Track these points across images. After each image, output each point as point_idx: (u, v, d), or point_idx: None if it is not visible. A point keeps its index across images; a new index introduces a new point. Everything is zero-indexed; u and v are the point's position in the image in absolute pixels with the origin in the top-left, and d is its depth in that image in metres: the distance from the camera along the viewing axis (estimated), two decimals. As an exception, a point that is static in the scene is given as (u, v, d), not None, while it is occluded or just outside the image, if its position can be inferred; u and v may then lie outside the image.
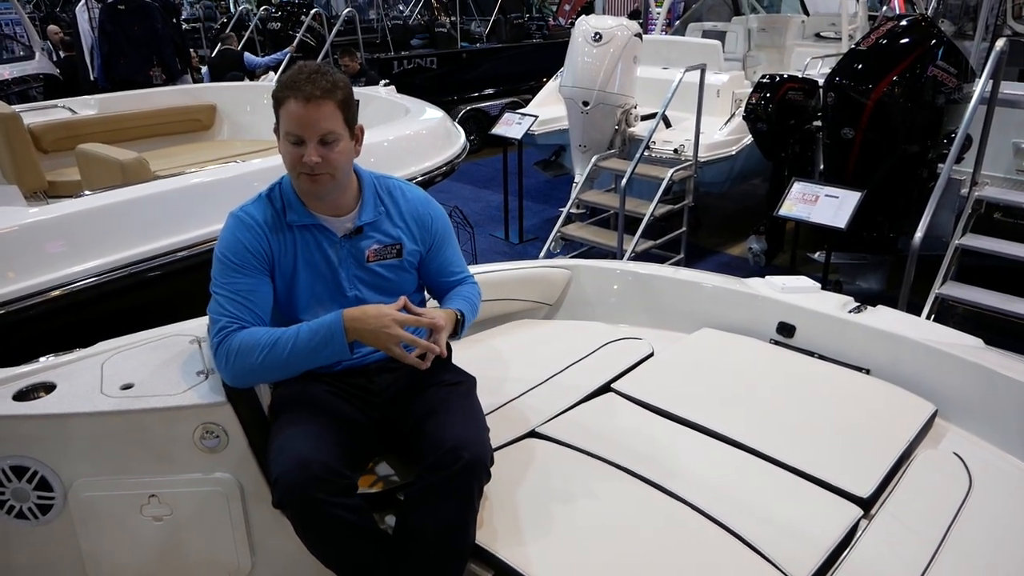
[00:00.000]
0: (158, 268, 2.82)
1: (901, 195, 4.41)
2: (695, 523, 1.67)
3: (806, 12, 7.76)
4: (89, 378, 1.79)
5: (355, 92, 1.74)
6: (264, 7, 11.61)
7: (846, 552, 1.60)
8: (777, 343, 2.49)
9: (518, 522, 1.67)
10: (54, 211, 2.72)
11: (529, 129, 5.76)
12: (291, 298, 1.77)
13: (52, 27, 9.87)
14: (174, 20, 7.21)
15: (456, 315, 1.79)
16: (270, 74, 7.81)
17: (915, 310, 3.54)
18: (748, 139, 5.33)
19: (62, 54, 8.81)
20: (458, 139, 4.30)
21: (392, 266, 1.82)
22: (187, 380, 1.77)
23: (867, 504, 1.74)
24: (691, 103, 5.10)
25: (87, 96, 5.02)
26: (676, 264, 5.10)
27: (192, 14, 14.86)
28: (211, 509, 1.78)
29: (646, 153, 5.06)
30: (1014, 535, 1.66)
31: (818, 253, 4.47)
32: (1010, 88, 4.31)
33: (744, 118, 5.12)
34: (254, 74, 8.26)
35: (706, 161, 5.23)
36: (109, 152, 3.46)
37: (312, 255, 1.76)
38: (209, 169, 3.31)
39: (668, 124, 5.57)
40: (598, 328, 2.65)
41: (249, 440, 1.76)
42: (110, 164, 3.34)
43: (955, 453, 1.94)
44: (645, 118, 5.59)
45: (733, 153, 5.44)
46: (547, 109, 6.30)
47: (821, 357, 2.38)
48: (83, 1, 6.94)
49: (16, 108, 4.24)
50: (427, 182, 3.76)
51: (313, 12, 10.03)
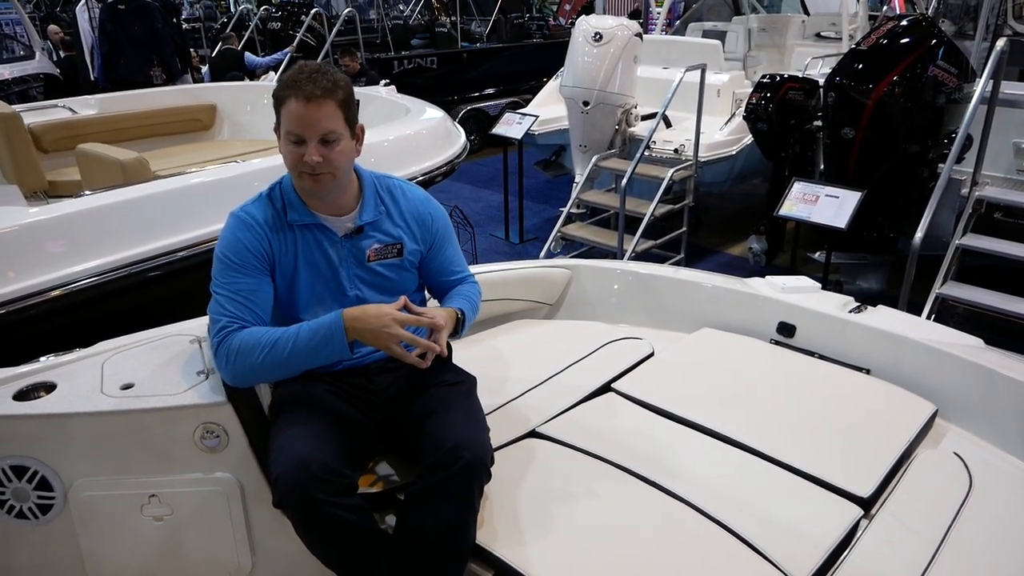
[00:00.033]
0: (158, 268, 2.82)
1: (901, 195, 4.41)
2: (695, 523, 1.67)
3: (806, 12, 7.77)
4: (89, 378, 1.79)
5: (355, 92, 1.74)
6: (264, 7, 11.61)
7: (846, 552, 1.60)
8: (777, 343, 2.49)
9: (518, 522, 1.67)
10: (54, 211, 2.72)
11: (529, 129, 5.75)
12: (292, 298, 1.77)
13: (52, 27, 9.87)
14: (174, 20, 7.21)
15: (457, 314, 1.80)
16: (270, 74, 7.81)
17: (915, 310, 3.54)
18: (748, 139, 5.33)
19: (62, 54, 8.81)
20: (458, 139, 4.30)
21: (393, 265, 1.82)
22: (187, 380, 1.77)
23: (867, 504, 1.74)
24: (691, 103, 5.10)
25: (87, 96, 5.02)
26: (676, 264, 5.10)
27: (192, 14, 14.86)
28: (211, 509, 1.78)
29: (646, 153, 5.06)
30: (1014, 535, 1.66)
31: (818, 253, 4.46)
32: (1010, 88, 4.31)
33: (744, 118, 5.12)
34: (254, 74, 8.26)
35: (706, 161, 5.23)
36: (109, 152, 3.46)
37: (313, 254, 1.76)
38: (209, 169, 3.31)
39: (668, 124, 5.57)
40: (598, 328, 2.65)
41: (249, 440, 1.76)
42: (110, 164, 3.34)
43: (955, 453, 1.94)
44: (645, 118, 5.59)
45: (733, 153, 5.43)
46: (547, 109, 6.30)
47: (821, 357, 2.38)
48: (83, 1, 6.95)
49: (16, 108, 4.24)
50: (427, 182, 3.76)
51: (313, 12, 10.04)
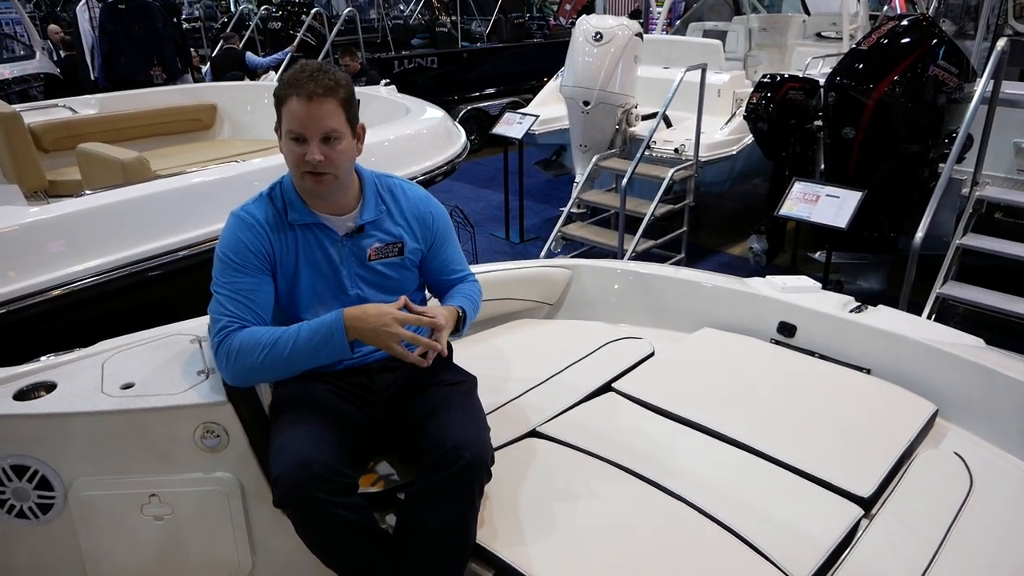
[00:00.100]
0: (159, 267, 2.82)
1: (902, 195, 4.41)
2: (695, 523, 1.67)
3: (807, 12, 7.77)
4: (90, 377, 1.79)
5: (356, 92, 1.74)
6: (265, 7, 11.61)
7: (847, 552, 1.60)
8: (778, 343, 2.49)
9: (519, 521, 1.67)
10: (54, 210, 2.72)
11: (530, 129, 5.76)
12: (293, 297, 1.77)
13: (52, 26, 9.87)
14: (175, 19, 7.22)
15: (458, 312, 1.80)
16: (271, 74, 7.80)
17: (916, 310, 3.54)
18: (749, 139, 5.33)
19: (63, 53, 8.80)
20: (459, 139, 4.30)
21: (394, 264, 1.82)
22: (188, 379, 1.77)
23: (868, 504, 1.74)
24: (692, 103, 5.10)
25: (88, 95, 5.03)
26: (677, 264, 5.10)
27: (192, 13, 14.85)
28: (212, 508, 1.78)
29: (647, 153, 5.06)
30: (1015, 535, 1.66)
31: (819, 253, 4.46)
32: (1011, 88, 4.31)
33: (745, 118, 5.12)
34: (255, 74, 8.26)
35: (707, 161, 5.23)
36: (110, 151, 3.46)
37: (313, 254, 1.76)
38: (210, 169, 3.31)
39: (669, 124, 5.57)
40: (599, 328, 2.65)
41: (250, 439, 1.76)
42: (111, 163, 3.34)
43: (956, 453, 1.94)
44: (646, 118, 5.58)
45: (734, 153, 5.43)
46: (548, 109, 6.30)
47: (822, 357, 2.38)
48: (84, 0, 6.95)
49: (16, 107, 4.24)
50: (428, 181, 3.76)
51: (314, 12, 10.03)
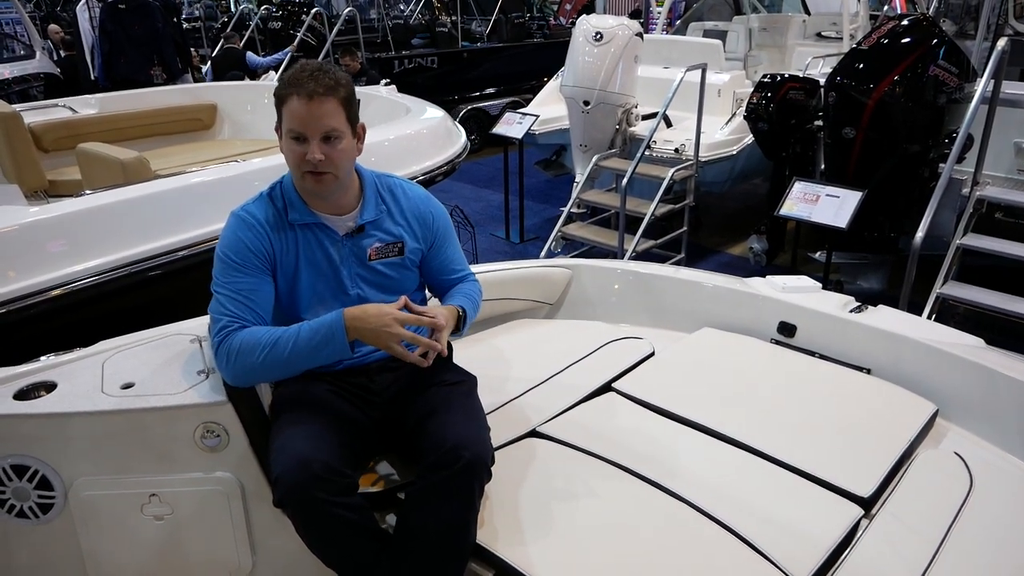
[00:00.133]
0: (159, 267, 2.82)
1: (902, 195, 4.41)
2: (696, 522, 1.67)
3: (807, 11, 7.77)
4: (90, 377, 1.79)
5: (356, 91, 1.74)
6: (265, 6, 11.60)
7: (847, 552, 1.60)
8: (778, 343, 2.49)
9: (519, 521, 1.67)
10: (55, 210, 2.72)
11: (530, 129, 5.75)
12: (293, 297, 1.77)
13: (53, 26, 9.88)
14: (175, 19, 7.22)
15: (458, 311, 1.80)
16: (271, 73, 7.81)
17: (916, 310, 3.54)
18: (749, 139, 5.33)
19: (63, 53, 8.80)
20: (459, 138, 4.30)
21: (394, 264, 1.82)
22: (188, 379, 1.77)
23: (868, 504, 1.74)
24: (692, 103, 5.10)
25: (88, 95, 5.03)
26: (677, 264, 5.10)
27: (192, 13, 14.85)
28: (212, 508, 1.78)
29: (647, 153, 5.06)
30: (1015, 535, 1.66)
31: (819, 253, 4.46)
32: (1011, 88, 4.31)
33: (745, 118, 5.12)
34: (255, 74, 8.27)
35: (707, 161, 5.23)
36: (110, 151, 3.46)
37: (314, 254, 1.76)
38: (210, 168, 3.31)
39: (669, 124, 5.57)
40: (599, 328, 2.65)
41: (250, 439, 1.76)
42: (111, 163, 3.34)
43: (956, 453, 1.94)
44: (646, 118, 5.58)
45: (734, 153, 5.43)
46: (548, 109, 6.30)
47: (822, 357, 2.38)
48: (84, 0, 6.95)
49: (17, 107, 4.24)
50: (428, 181, 3.76)
51: (314, 11, 10.03)
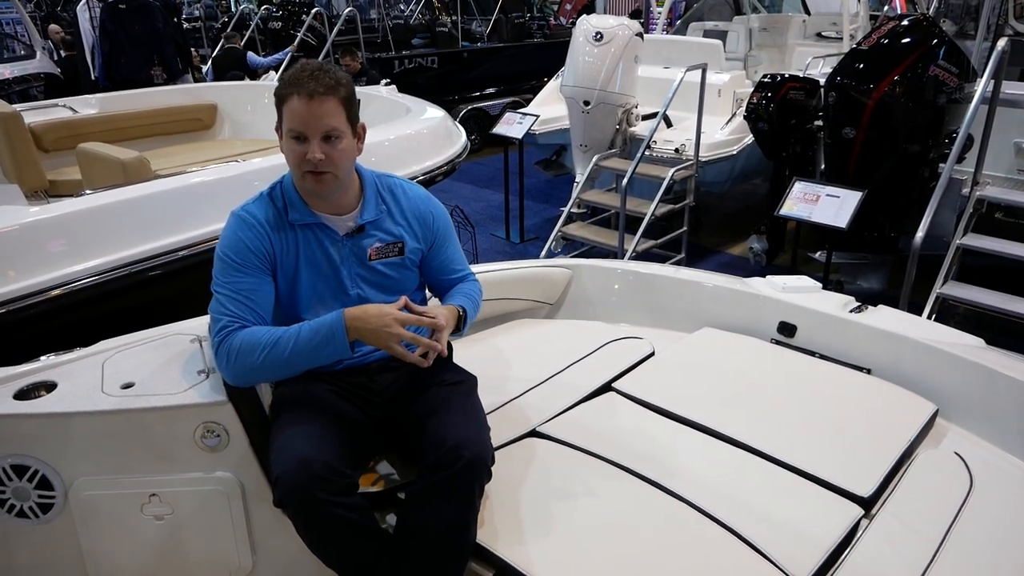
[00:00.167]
0: (159, 267, 2.82)
1: (902, 195, 4.41)
2: (696, 522, 1.67)
3: (807, 11, 7.77)
4: (90, 377, 1.79)
5: (356, 91, 1.74)
6: (265, 6, 11.61)
7: (847, 552, 1.60)
8: (778, 343, 2.49)
9: (519, 521, 1.67)
10: (55, 210, 2.72)
11: (530, 129, 5.75)
12: (293, 297, 1.77)
13: (53, 26, 9.88)
14: (175, 19, 7.21)
15: (458, 311, 1.80)
16: (271, 73, 7.81)
17: (916, 310, 3.54)
18: (749, 139, 5.33)
19: (63, 53, 8.80)
20: (459, 138, 4.30)
21: (394, 264, 1.82)
22: (188, 379, 1.77)
23: (868, 504, 1.74)
24: (692, 103, 5.10)
25: (88, 95, 5.03)
26: (677, 264, 5.10)
27: (192, 13, 14.85)
28: (212, 508, 1.78)
29: (647, 153, 5.06)
30: (1015, 535, 1.66)
31: (819, 253, 4.46)
32: (1011, 88, 4.31)
33: (745, 118, 5.12)
34: (256, 73, 8.27)
35: (707, 161, 5.23)
36: (110, 151, 3.46)
37: (314, 254, 1.76)
38: (210, 168, 3.31)
39: (669, 124, 5.57)
40: (599, 327, 2.65)
41: (250, 439, 1.76)
42: (111, 163, 3.34)
43: (956, 453, 1.94)
44: (646, 118, 5.58)
45: (734, 153, 5.43)
46: (548, 109, 6.30)
47: (822, 357, 2.38)
48: (84, 0, 6.95)
49: (17, 107, 4.24)
50: (428, 181, 3.76)
51: (314, 11, 10.04)
